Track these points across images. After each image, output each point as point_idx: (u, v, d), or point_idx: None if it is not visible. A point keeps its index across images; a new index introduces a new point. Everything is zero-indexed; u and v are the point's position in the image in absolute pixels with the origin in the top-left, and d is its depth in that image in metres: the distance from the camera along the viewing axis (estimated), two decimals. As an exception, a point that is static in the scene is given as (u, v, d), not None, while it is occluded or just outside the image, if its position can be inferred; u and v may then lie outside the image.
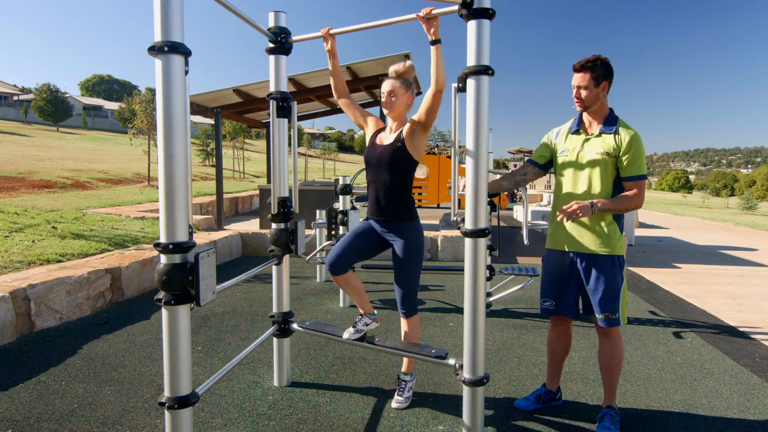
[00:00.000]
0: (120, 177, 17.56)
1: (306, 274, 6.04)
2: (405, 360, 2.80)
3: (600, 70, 2.35)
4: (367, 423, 2.51)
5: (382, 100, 2.64)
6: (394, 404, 2.69)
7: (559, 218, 2.34)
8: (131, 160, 23.09)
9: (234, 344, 3.60)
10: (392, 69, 2.67)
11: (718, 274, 6.55)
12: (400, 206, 2.63)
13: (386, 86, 2.63)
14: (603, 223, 2.39)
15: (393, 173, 2.60)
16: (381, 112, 2.80)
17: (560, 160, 2.51)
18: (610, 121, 2.40)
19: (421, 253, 2.67)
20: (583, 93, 2.37)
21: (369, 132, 2.80)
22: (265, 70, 2.88)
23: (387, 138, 2.67)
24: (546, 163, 2.61)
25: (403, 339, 2.75)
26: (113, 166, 20.36)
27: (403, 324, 2.73)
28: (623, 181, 2.36)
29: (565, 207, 2.31)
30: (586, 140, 2.43)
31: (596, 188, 2.38)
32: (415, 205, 2.72)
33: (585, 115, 2.48)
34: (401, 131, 2.61)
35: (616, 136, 2.36)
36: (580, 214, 2.28)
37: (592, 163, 2.39)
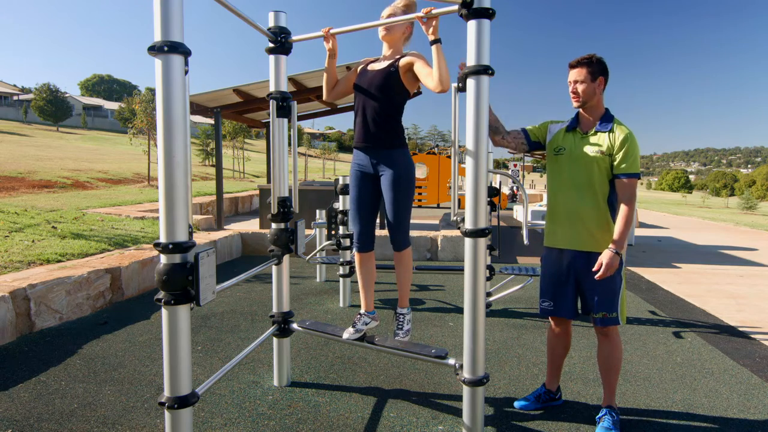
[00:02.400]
0: (120, 177, 17.57)
1: (306, 274, 6.04)
2: (400, 296, 2.79)
3: (596, 67, 2.39)
4: (367, 423, 2.51)
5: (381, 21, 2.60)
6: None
7: (597, 277, 2.30)
8: (131, 160, 23.09)
9: (234, 344, 3.60)
10: (394, 3, 2.62)
11: (718, 274, 6.55)
12: (390, 132, 2.58)
13: (386, 11, 2.59)
14: (600, 222, 2.39)
15: (384, 97, 2.55)
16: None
17: (556, 158, 2.52)
18: (606, 120, 2.41)
19: (413, 182, 2.63)
20: (580, 87, 2.39)
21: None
22: (265, 70, 2.88)
23: (379, 64, 2.63)
24: (534, 143, 2.60)
25: (397, 275, 2.76)
26: (113, 166, 20.37)
27: (396, 259, 2.71)
28: (615, 178, 2.36)
29: (600, 272, 2.27)
30: (582, 138, 2.44)
31: (592, 186, 2.39)
32: (404, 135, 2.66)
33: (581, 114, 2.49)
34: (397, 59, 2.57)
35: (611, 134, 2.37)
36: (614, 266, 2.27)
37: (587, 162, 2.39)
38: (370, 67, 2.67)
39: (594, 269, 2.32)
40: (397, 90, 2.57)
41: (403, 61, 2.55)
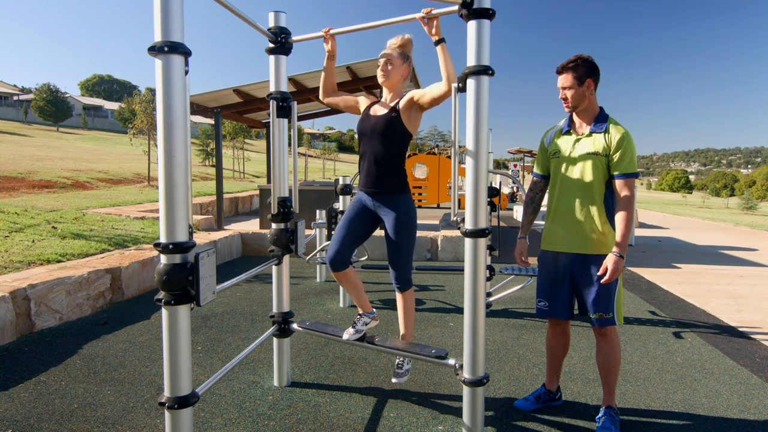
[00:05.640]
0: (120, 177, 17.56)
1: (306, 274, 6.04)
2: (402, 330, 2.78)
3: (582, 69, 2.37)
4: (367, 423, 2.51)
5: (379, 68, 2.65)
6: (394, 379, 2.69)
7: (603, 281, 2.30)
8: (131, 160, 23.09)
9: (234, 344, 3.60)
10: (389, 42, 2.67)
11: (718, 274, 6.55)
12: (393, 178, 2.62)
13: (382, 59, 2.64)
14: (597, 224, 2.39)
15: (386, 143, 2.59)
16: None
17: (553, 161, 2.52)
18: (600, 120, 2.40)
19: (414, 226, 2.66)
20: (568, 93, 2.39)
21: (362, 107, 2.80)
22: (265, 70, 2.88)
23: (381, 109, 2.67)
24: (548, 174, 2.62)
25: (400, 313, 2.76)
26: (113, 166, 20.36)
27: (399, 299, 2.73)
28: (614, 179, 2.35)
29: (606, 277, 2.27)
30: (577, 140, 2.43)
31: (588, 188, 2.38)
32: (407, 180, 2.71)
33: (575, 116, 2.48)
34: (397, 102, 2.61)
35: (607, 134, 2.36)
36: (619, 270, 2.27)
37: (583, 163, 2.39)
38: (373, 111, 2.70)
39: (599, 273, 2.31)
40: (400, 134, 2.61)
41: (402, 102, 2.59)
